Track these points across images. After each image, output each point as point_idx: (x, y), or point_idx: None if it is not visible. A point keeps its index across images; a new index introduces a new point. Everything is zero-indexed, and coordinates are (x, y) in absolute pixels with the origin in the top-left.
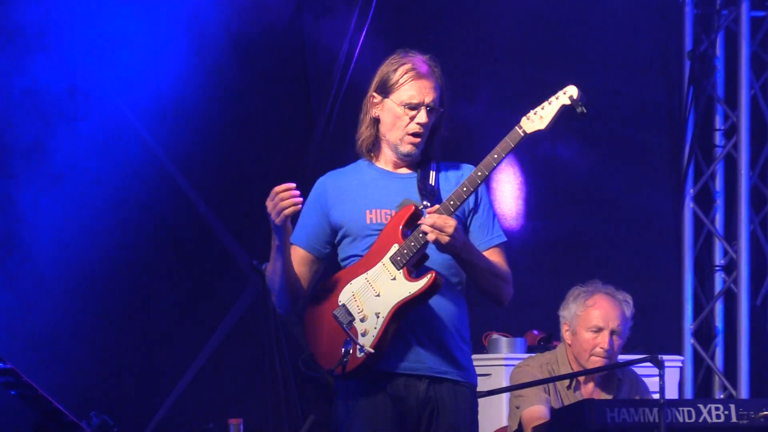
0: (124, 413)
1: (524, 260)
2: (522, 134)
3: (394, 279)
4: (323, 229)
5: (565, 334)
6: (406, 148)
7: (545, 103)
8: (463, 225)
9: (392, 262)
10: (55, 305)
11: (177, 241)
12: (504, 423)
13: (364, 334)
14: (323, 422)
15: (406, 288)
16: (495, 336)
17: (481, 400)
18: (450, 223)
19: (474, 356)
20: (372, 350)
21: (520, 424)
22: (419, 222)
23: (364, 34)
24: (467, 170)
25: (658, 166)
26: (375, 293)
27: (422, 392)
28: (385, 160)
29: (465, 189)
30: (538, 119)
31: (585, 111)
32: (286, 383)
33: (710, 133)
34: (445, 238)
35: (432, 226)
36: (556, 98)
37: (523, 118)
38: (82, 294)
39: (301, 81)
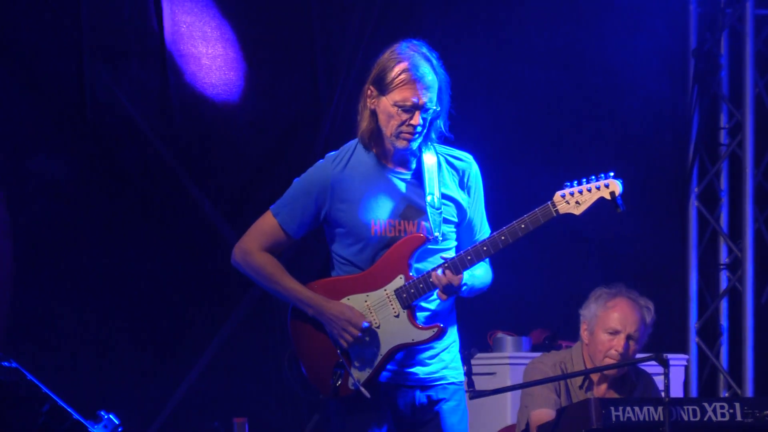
0: (130, 412)
1: (529, 259)
2: (554, 214)
3: (398, 317)
4: (315, 219)
5: (583, 333)
6: (400, 144)
7: (584, 188)
8: (459, 221)
9: (397, 298)
10: (60, 304)
11: (182, 240)
12: (509, 422)
13: (358, 366)
14: (326, 422)
15: (409, 333)
16: (500, 335)
17: (486, 399)
18: (456, 283)
19: (479, 355)
20: (368, 395)
21: (527, 425)
22: (434, 272)
23: (372, 26)
24: (469, 165)
25: (663, 164)
26: (375, 323)
27: (415, 399)
28: (385, 153)
29: (485, 249)
30: (574, 204)
31: (621, 210)
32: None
33: (715, 131)
34: (448, 295)
35: (446, 286)
36: (597, 188)
37: (558, 195)
38: (87, 293)
39: (309, 81)
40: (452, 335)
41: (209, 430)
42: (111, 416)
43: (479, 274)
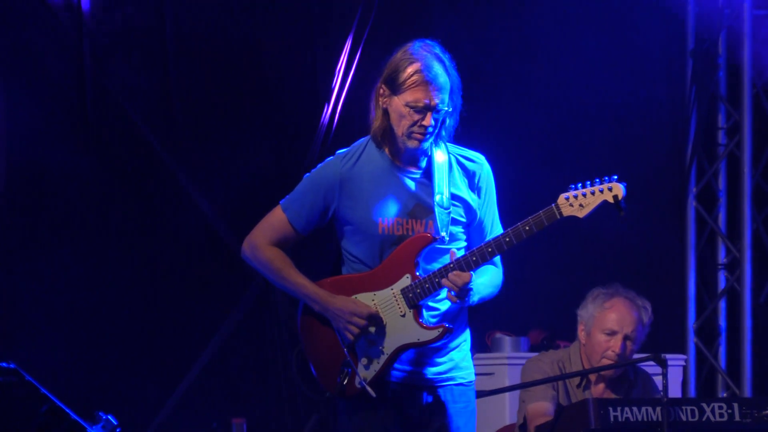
0: (128, 412)
1: (528, 260)
2: (558, 216)
3: (404, 316)
4: (323, 216)
5: (581, 334)
6: (411, 144)
7: (588, 190)
8: (468, 221)
9: (404, 297)
10: (59, 304)
11: (181, 240)
12: (507, 421)
13: (365, 365)
14: (326, 422)
15: (415, 333)
16: (498, 335)
17: (484, 399)
18: (467, 280)
19: (477, 355)
20: (373, 394)
21: (525, 418)
22: (442, 271)
23: (369, 27)
24: (480, 166)
25: (661, 164)
26: (382, 322)
27: (423, 400)
28: (395, 151)
29: (489, 250)
30: (577, 207)
31: (623, 214)
32: (289, 382)
33: (713, 131)
34: (462, 297)
35: (455, 285)
36: (600, 191)
37: (562, 197)
38: (86, 292)
39: (309, 80)
40: (463, 334)
41: (208, 430)
42: (109, 417)
43: (482, 282)
